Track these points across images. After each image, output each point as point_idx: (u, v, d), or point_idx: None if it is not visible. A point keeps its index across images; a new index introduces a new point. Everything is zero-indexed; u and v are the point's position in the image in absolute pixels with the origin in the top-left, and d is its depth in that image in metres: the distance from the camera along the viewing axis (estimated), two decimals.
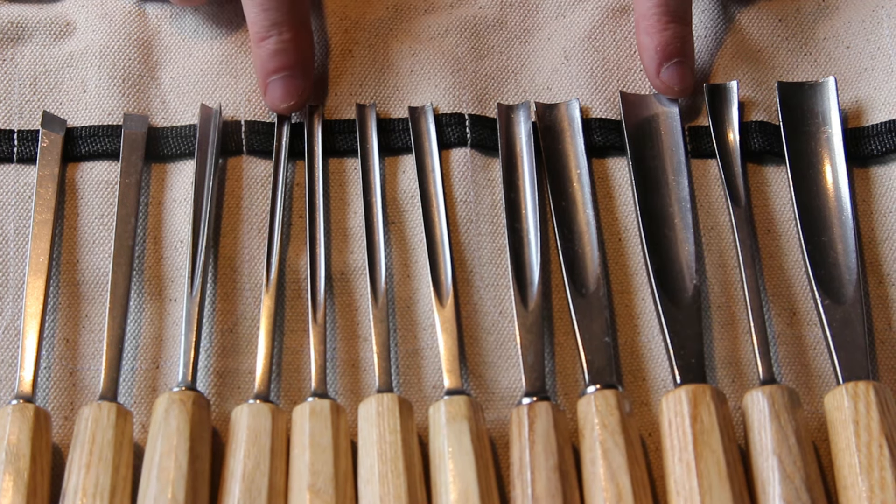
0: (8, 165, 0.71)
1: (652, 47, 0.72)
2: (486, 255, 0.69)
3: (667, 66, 0.71)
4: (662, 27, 0.71)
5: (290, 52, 0.71)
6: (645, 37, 0.72)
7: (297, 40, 0.71)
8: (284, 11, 0.71)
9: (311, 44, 0.72)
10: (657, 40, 0.71)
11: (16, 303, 0.67)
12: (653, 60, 0.72)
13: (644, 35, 0.72)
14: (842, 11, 0.77)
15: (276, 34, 0.71)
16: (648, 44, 0.72)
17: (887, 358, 0.66)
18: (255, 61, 0.72)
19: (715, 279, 0.68)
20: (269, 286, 0.66)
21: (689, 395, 0.60)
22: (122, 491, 0.58)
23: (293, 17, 0.71)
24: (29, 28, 0.75)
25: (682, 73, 0.72)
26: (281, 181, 0.70)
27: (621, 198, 0.71)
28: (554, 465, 0.59)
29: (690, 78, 0.72)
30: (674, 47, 0.71)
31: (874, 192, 0.71)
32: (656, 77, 0.72)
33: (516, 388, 0.65)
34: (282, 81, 0.71)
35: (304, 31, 0.72)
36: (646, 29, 0.72)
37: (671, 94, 0.72)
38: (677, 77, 0.72)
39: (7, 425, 0.59)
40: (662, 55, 0.71)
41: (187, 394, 0.61)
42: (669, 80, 0.72)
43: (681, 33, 0.72)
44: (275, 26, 0.71)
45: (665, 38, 0.71)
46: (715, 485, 0.57)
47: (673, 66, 0.71)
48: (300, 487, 0.58)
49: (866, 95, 0.74)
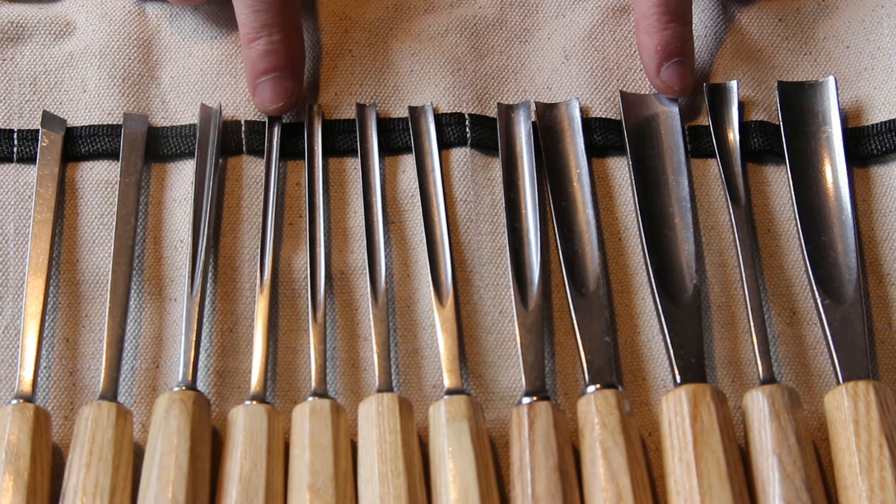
0: (8, 165, 0.71)
1: (652, 47, 0.72)
2: (486, 255, 0.69)
3: (667, 65, 0.72)
4: (662, 26, 0.72)
5: (279, 53, 0.71)
6: (645, 36, 0.72)
7: (287, 42, 0.71)
8: (275, 13, 0.71)
9: (301, 45, 0.72)
10: (657, 40, 0.72)
11: (16, 302, 0.67)
12: (653, 60, 0.72)
13: (644, 34, 0.72)
14: (842, 11, 0.77)
15: (265, 35, 0.71)
16: (648, 43, 0.72)
17: (887, 358, 0.66)
18: (245, 62, 0.72)
19: (715, 279, 0.68)
20: (263, 287, 0.66)
21: (690, 395, 0.60)
22: (122, 491, 0.58)
23: (283, 19, 0.71)
24: (29, 28, 0.75)
25: (682, 72, 0.72)
26: (273, 181, 0.70)
27: (621, 197, 0.71)
28: (554, 464, 0.59)
29: (690, 77, 0.72)
30: (674, 47, 0.72)
31: (874, 192, 0.71)
32: (656, 76, 0.72)
33: (516, 387, 0.65)
34: (271, 83, 0.71)
35: (295, 33, 0.72)
36: (646, 28, 0.72)
37: (671, 94, 0.72)
38: (677, 76, 0.72)
39: (7, 425, 0.59)
40: (662, 54, 0.72)
41: (187, 393, 0.61)
42: (669, 80, 0.72)
43: (681, 32, 0.72)
44: (265, 27, 0.71)
45: (665, 37, 0.71)
46: (715, 484, 0.57)
47: (673, 66, 0.72)
48: (300, 487, 0.58)
49: (866, 95, 0.74)
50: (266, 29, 0.71)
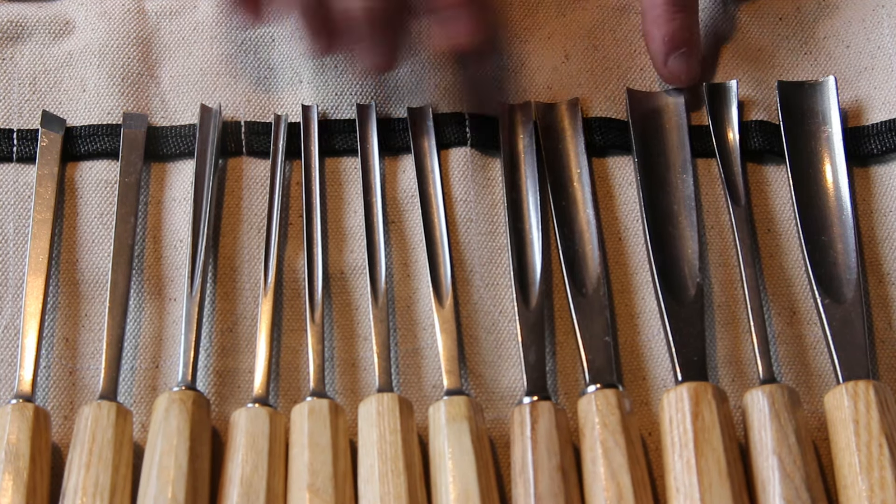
0: (7, 165, 0.71)
1: (660, 37, 0.72)
2: (486, 255, 0.69)
3: (674, 55, 0.72)
4: (670, 17, 0.72)
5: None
6: (652, 27, 0.72)
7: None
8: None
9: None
10: (665, 30, 0.72)
11: (15, 302, 0.67)
12: (660, 50, 0.72)
13: (651, 25, 0.72)
14: (842, 10, 0.77)
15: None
16: (656, 34, 0.72)
17: (887, 357, 0.66)
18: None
19: (715, 278, 0.68)
20: (268, 289, 0.66)
21: (691, 393, 0.60)
22: (122, 490, 0.58)
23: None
24: (28, 27, 0.75)
25: (689, 62, 0.72)
26: (278, 181, 0.70)
27: (622, 197, 0.71)
28: (556, 464, 0.59)
29: (697, 68, 0.73)
30: (681, 37, 0.72)
31: (874, 192, 0.71)
32: (663, 67, 0.72)
33: (516, 387, 0.65)
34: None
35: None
36: (653, 19, 0.72)
37: (678, 83, 0.73)
38: (684, 67, 0.72)
39: (7, 425, 0.59)
40: (670, 45, 0.72)
41: (187, 393, 0.61)
42: (677, 70, 0.72)
43: (688, 23, 0.72)
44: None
45: (673, 27, 0.72)
46: (715, 482, 0.57)
47: (680, 56, 0.72)
48: (299, 487, 0.58)
49: (866, 95, 0.74)
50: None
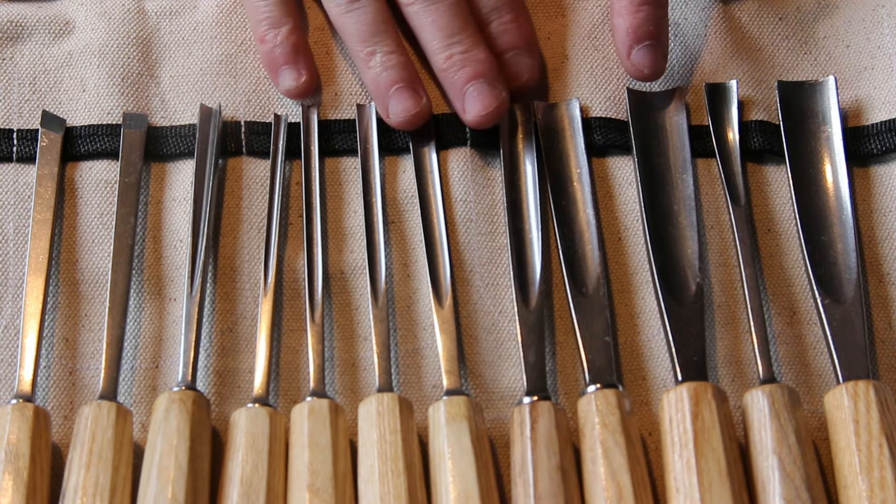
0: (7, 165, 0.71)
1: (624, 29, 0.71)
2: (486, 255, 0.69)
3: (637, 48, 0.71)
4: (635, 9, 0.71)
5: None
6: (618, 18, 0.71)
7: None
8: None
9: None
10: (629, 22, 0.71)
11: (15, 302, 0.67)
12: (624, 42, 0.71)
13: (617, 17, 0.72)
14: (842, 10, 0.77)
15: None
16: (621, 25, 0.71)
17: (887, 357, 0.66)
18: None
19: (715, 278, 0.68)
20: (268, 290, 0.66)
21: (691, 393, 0.60)
22: (122, 490, 0.58)
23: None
24: (28, 27, 0.75)
25: (653, 56, 0.71)
26: (278, 181, 0.70)
27: (622, 197, 0.71)
28: (556, 464, 0.59)
29: (662, 61, 0.71)
30: (645, 30, 0.71)
31: (874, 192, 0.71)
32: (627, 59, 0.71)
33: (516, 387, 0.65)
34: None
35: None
36: (619, 11, 0.71)
37: (641, 78, 0.72)
38: (648, 60, 0.71)
39: (6, 425, 0.59)
40: (634, 37, 0.71)
41: (187, 393, 0.61)
42: (640, 63, 0.71)
43: (654, 16, 0.71)
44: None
45: (637, 19, 0.71)
46: (715, 482, 0.57)
47: (644, 49, 0.71)
48: (299, 487, 0.58)
49: (866, 94, 0.74)
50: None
